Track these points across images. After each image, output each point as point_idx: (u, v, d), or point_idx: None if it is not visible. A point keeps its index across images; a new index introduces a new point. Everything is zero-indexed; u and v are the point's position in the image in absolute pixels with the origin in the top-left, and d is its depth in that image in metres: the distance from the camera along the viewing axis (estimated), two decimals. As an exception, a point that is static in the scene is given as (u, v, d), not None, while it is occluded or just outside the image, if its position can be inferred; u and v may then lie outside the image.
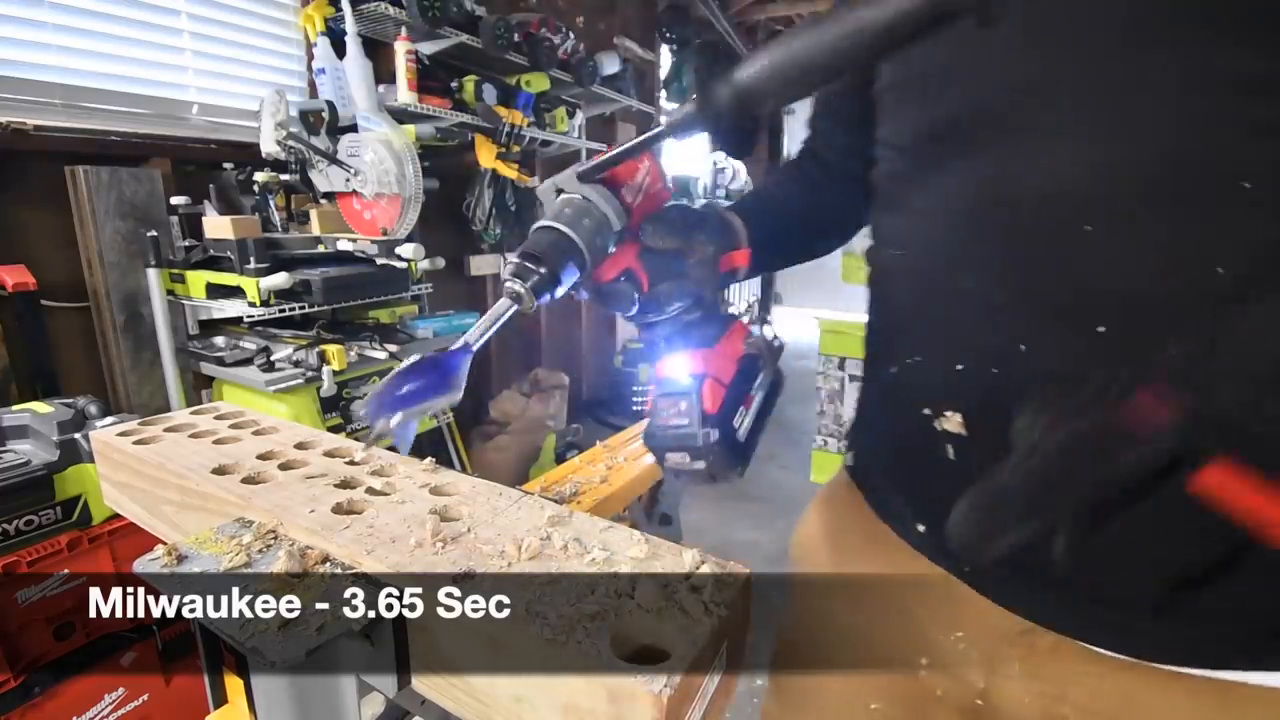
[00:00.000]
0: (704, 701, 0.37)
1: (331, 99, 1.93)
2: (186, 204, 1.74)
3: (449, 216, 2.79)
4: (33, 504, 1.13)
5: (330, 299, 1.69)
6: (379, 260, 1.81)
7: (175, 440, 0.64)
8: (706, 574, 0.42)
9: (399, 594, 0.42)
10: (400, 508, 0.51)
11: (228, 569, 0.43)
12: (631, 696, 0.32)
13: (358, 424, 1.75)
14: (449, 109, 2.35)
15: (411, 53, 2.14)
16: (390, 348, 1.82)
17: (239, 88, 2.04)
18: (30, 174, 1.57)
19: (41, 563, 1.14)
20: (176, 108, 1.89)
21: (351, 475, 0.57)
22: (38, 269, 1.53)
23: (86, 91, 1.69)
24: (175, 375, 1.70)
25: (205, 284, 1.66)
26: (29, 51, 1.59)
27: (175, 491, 0.58)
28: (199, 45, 1.92)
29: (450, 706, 0.42)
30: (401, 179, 1.79)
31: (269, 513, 0.50)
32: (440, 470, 0.59)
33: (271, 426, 0.68)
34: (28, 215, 1.58)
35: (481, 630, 0.38)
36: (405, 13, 2.09)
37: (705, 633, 0.37)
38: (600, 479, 0.85)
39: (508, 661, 0.37)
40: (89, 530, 1.20)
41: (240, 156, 1.93)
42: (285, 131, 1.75)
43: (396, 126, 1.87)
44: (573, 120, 3.06)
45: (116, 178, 1.62)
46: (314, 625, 0.38)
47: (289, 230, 1.92)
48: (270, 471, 0.57)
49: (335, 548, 0.46)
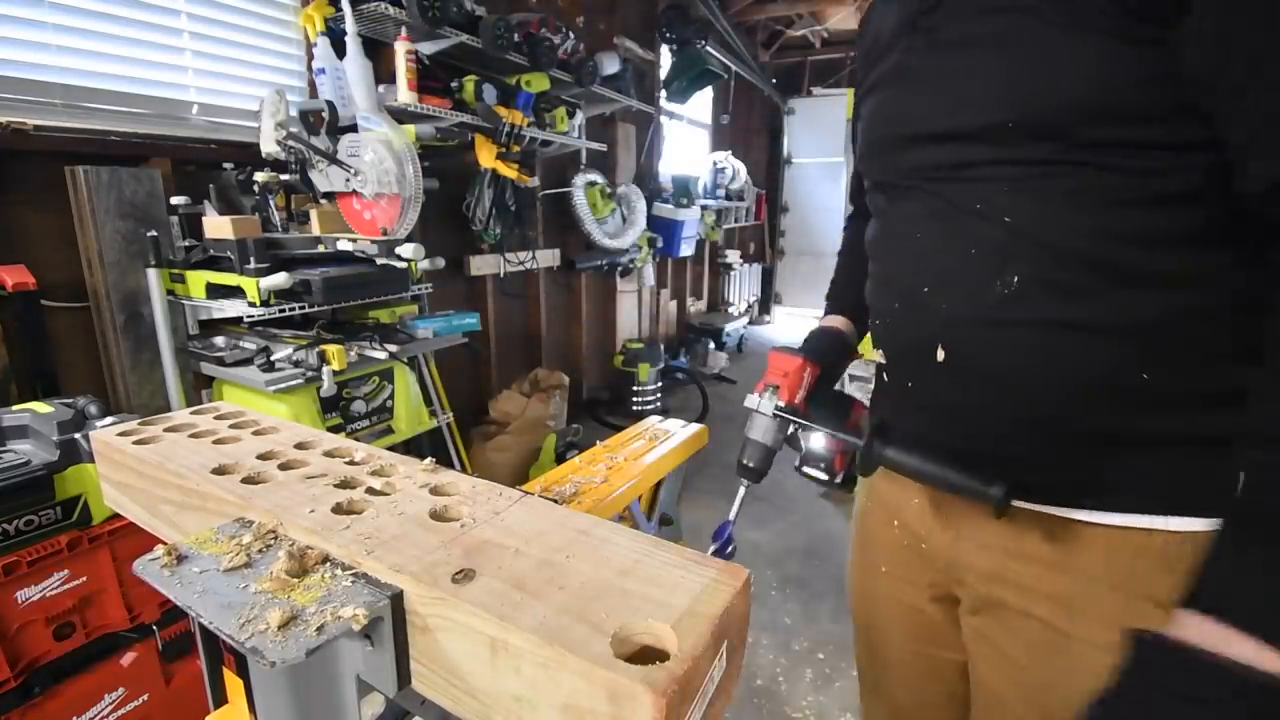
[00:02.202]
0: (704, 701, 0.37)
1: (331, 99, 1.93)
2: (186, 204, 1.74)
3: (449, 216, 2.79)
4: (33, 504, 1.13)
5: (330, 299, 1.68)
6: (379, 260, 1.81)
7: (175, 440, 0.64)
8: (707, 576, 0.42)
9: (399, 594, 0.42)
10: (400, 508, 0.51)
11: (228, 569, 0.43)
12: (631, 696, 0.32)
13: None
14: (449, 109, 2.35)
15: (411, 53, 2.14)
16: (390, 347, 1.82)
17: (239, 88, 2.04)
18: (30, 174, 1.57)
19: (41, 563, 1.14)
20: (176, 108, 1.89)
21: (351, 475, 0.57)
22: (38, 269, 1.53)
23: (86, 91, 1.69)
24: (175, 375, 1.70)
25: (205, 284, 1.66)
26: (29, 51, 1.59)
27: (175, 491, 0.58)
28: (199, 45, 1.92)
29: (450, 706, 0.42)
30: (401, 179, 1.80)
31: (269, 513, 0.50)
32: (440, 470, 0.58)
33: (271, 426, 0.68)
34: (28, 215, 1.58)
35: (481, 630, 0.38)
36: (405, 13, 2.09)
37: (705, 632, 0.37)
38: (600, 479, 0.85)
39: (507, 661, 0.37)
40: (89, 530, 1.21)
41: (240, 156, 1.93)
42: (285, 131, 1.75)
43: (396, 126, 1.87)
44: (573, 120, 3.06)
45: (116, 178, 1.63)
46: (314, 625, 0.38)
47: (289, 230, 1.92)
48: (270, 471, 0.57)
49: (335, 548, 0.46)
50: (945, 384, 0.64)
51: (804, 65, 6.74)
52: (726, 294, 6.34)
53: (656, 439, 1.05)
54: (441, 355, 2.25)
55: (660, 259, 4.69)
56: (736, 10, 5.21)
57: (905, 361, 0.70)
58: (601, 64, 3.15)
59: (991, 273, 0.59)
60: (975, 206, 0.60)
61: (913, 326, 0.67)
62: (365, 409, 1.87)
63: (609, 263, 3.90)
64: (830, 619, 2.12)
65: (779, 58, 6.58)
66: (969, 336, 0.61)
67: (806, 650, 1.97)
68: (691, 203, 4.53)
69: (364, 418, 1.88)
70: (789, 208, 7.02)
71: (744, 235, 6.79)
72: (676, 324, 5.42)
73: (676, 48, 4.30)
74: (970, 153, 0.60)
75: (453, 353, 2.30)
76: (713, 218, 5.28)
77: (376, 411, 1.92)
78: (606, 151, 3.64)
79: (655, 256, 4.44)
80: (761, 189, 6.56)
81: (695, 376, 4.58)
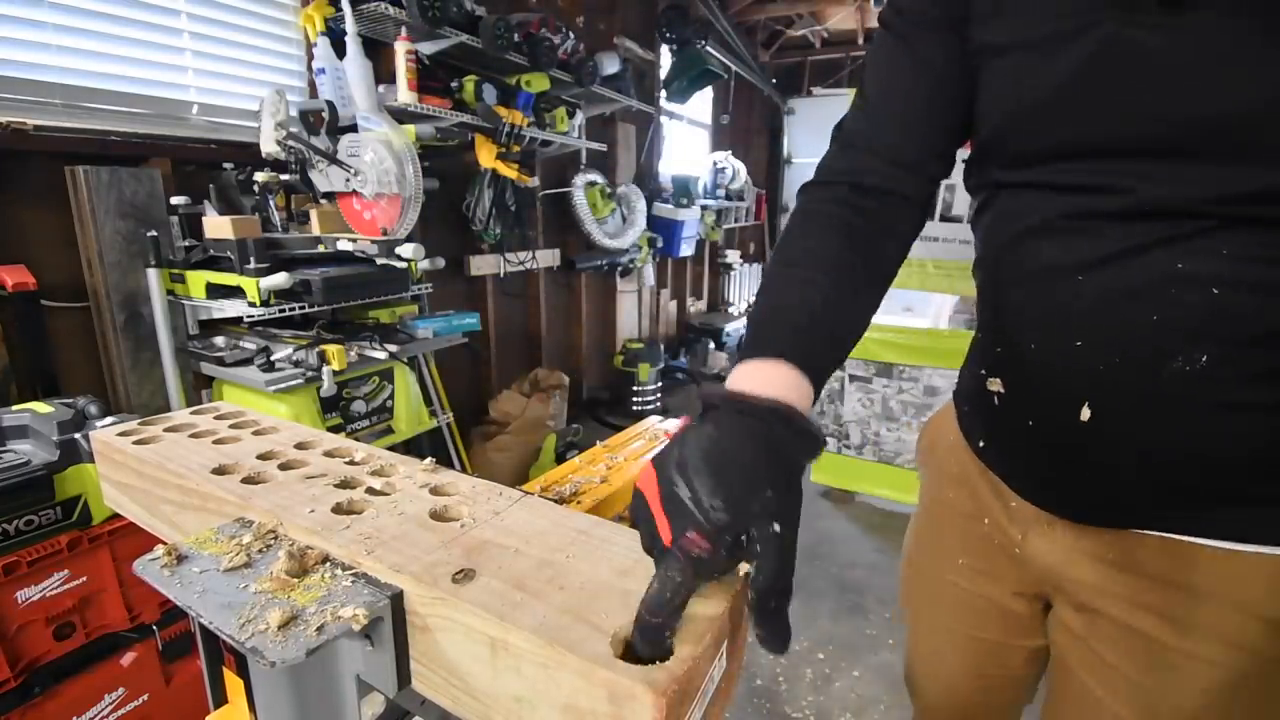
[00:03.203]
0: (704, 701, 0.37)
1: (331, 99, 1.93)
2: (186, 204, 1.74)
3: (449, 216, 2.79)
4: (33, 504, 1.14)
5: (330, 299, 1.68)
6: (379, 260, 1.81)
7: (175, 440, 0.64)
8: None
9: (399, 594, 0.42)
10: (400, 508, 0.51)
11: (228, 569, 0.43)
12: (631, 696, 0.32)
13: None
14: (449, 109, 2.35)
15: (411, 53, 2.14)
16: (390, 347, 1.82)
17: (239, 88, 2.04)
18: (30, 174, 1.57)
19: (41, 563, 1.14)
20: (176, 108, 1.89)
21: (351, 475, 0.57)
22: (38, 269, 1.53)
23: (86, 91, 1.69)
24: (175, 375, 1.71)
25: (205, 284, 1.66)
26: (29, 51, 1.59)
27: (175, 491, 0.58)
28: (199, 45, 1.92)
29: (450, 706, 0.42)
30: (401, 179, 1.80)
31: (269, 513, 0.50)
32: (440, 470, 0.58)
33: (271, 426, 0.68)
34: (28, 215, 1.58)
35: (482, 630, 0.38)
36: (405, 13, 2.09)
37: (705, 632, 0.37)
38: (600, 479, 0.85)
39: (508, 661, 0.37)
40: (89, 530, 1.21)
41: (240, 156, 1.93)
42: (285, 131, 1.75)
43: (396, 126, 1.87)
44: (573, 120, 3.06)
45: (116, 178, 1.63)
46: (314, 625, 0.38)
47: (289, 230, 1.92)
48: (270, 471, 0.57)
49: (335, 548, 0.46)
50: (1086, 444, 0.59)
51: (804, 65, 6.74)
52: (726, 294, 6.34)
53: (656, 439, 1.05)
54: (441, 355, 2.25)
55: (660, 259, 4.69)
56: (736, 10, 5.21)
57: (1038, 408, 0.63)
58: (601, 64, 3.15)
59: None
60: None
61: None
62: (365, 409, 1.88)
63: (609, 263, 3.90)
64: (830, 619, 2.12)
65: (779, 58, 6.58)
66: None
67: (806, 650, 1.97)
68: (691, 203, 4.53)
69: (364, 418, 1.88)
70: (789, 208, 7.00)
71: (744, 235, 6.79)
72: (676, 324, 5.42)
73: (676, 48, 4.30)
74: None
75: (453, 353, 2.31)
76: (713, 218, 5.28)
77: (376, 411, 1.92)
78: (606, 151, 3.64)
79: (655, 256, 4.44)
80: (761, 189, 6.56)
81: (695, 376, 4.58)
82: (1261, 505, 0.54)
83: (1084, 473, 0.60)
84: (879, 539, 2.64)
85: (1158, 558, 0.59)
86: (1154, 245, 0.50)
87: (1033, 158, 0.58)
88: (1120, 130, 0.51)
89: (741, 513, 0.38)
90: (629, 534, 0.47)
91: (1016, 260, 0.61)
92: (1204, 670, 0.58)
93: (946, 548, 0.81)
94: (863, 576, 2.35)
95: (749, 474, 0.40)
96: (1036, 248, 0.58)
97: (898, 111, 0.65)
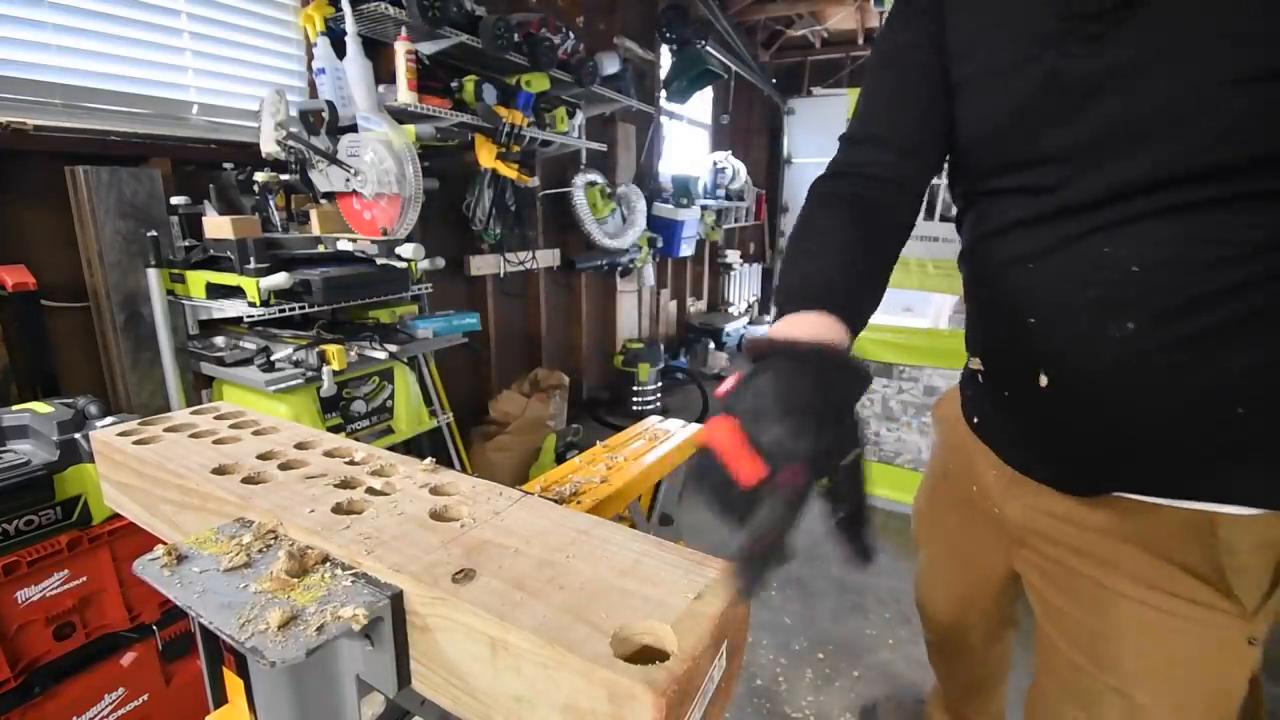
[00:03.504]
0: (704, 701, 0.37)
1: (331, 99, 1.93)
2: (186, 204, 1.74)
3: (449, 216, 2.79)
4: (33, 504, 1.13)
5: (330, 299, 1.68)
6: (379, 260, 1.81)
7: (175, 440, 0.64)
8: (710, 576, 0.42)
9: (399, 594, 0.42)
10: (400, 508, 0.51)
11: (228, 569, 0.43)
12: (631, 696, 0.32)
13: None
14: (449, 109, 2.34)
15: (411, 53, 2.14)
16: (390, 347, 1.82)
17: (239, 88, 2.04)
18: (30, 174, 1.57)
19: (41, 563, 1.14)
20: (176, 108, 1.89)
21: (351, 475, 0.57)
22: (38, 269, 1.53)
23: (86, 91, 1.69)
24: (175, 375, 1.70)
25: (205, 284, 1.66)
26: (29, 51, 1.59)
27: (175, 491, 0.58)
28: (199, 45, 1.92)
29: (450, 706, 0.42)
30: (401, 179, 1.80)
31: (269, 513, 0.50)
32: (440, 470, 0.58)
33: (271, 426, 0.68)
34: (28, 215, 1.58)
35: (482, 630, 0.38)
36: (405, 13, 2.09)
37: (705, 632, 0.37)
38: (600, 479, 0.85)
39: (508, 661, 0.37)
40: (89, 530, 1.20)
41: (240, 156, 1.93)
42: (285, 131, 1.75)
43: (396, 126, 1.87)
44: (573, 120, 3.06)
45: (116, 178, 1.63)
46: (314, 625, 0.38)
47: (289, 230, 1.92)
48: (270, 471, 0.57)
49: (335, 548, 0.46)
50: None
51: (804, 65, 6.74)
52: (726, 294, 6.34)
53: (656, 439, 1.05)
54: (441, 355, 2.25)
55: (660, 259, 4.69)
56: (736, 10, 5.21)
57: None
58: (601, 64, 3.15)
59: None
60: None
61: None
62: (365, 409, 1.88)
63: (609, 263, 3.89)
64: (830, 619, 2.12)
65: (779, 58, 6.58)
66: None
67: (806, 650, 1.97)
68: (691, 203, 4.52)
69: (364, 418, 1.88)
70: (789, 208, 7.01)
71: (744, 235, 6.79)
72: (676, 324, 5.42)
73: (676, 48, 4.30)
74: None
75: (453, 353, 2.30)
76: (713, 218, 5.28)
77: (376, 411, 1.92)
78: (606, 151, 3.64)
79: (655, 256, 4.43)
80: (761, 189, 6.56)
81: (695, 376, 4.58)
82: (1181, 461, 0.63)
83: (1052, 432, 0.72)
84: (880, 539, 2.63)
85: (1099, 511, 0.71)
86: (1085, 235, 0.62)
87: (990, 171, 0.71)
88: (1056, 142, 0.63)
89: (822, 447, 0.43)
90: (629, 534, 0.47)
91: (985, 256, 0.75)
92: (1132, 608, 0.70)
93: (944, 502, 1.03)
94: (863, 577, 2.35)
95: (819, 412, 0.45)
96: (998, 245, 0.72)
97: (898, 106, 0.76)
